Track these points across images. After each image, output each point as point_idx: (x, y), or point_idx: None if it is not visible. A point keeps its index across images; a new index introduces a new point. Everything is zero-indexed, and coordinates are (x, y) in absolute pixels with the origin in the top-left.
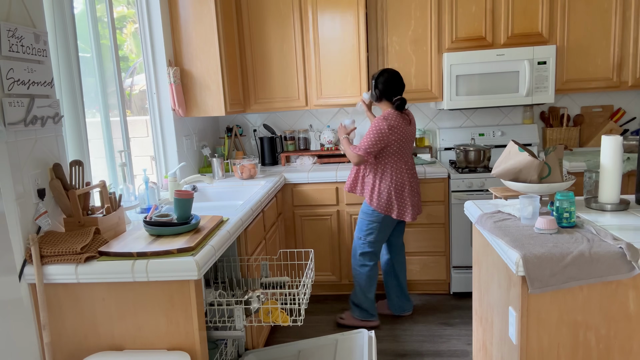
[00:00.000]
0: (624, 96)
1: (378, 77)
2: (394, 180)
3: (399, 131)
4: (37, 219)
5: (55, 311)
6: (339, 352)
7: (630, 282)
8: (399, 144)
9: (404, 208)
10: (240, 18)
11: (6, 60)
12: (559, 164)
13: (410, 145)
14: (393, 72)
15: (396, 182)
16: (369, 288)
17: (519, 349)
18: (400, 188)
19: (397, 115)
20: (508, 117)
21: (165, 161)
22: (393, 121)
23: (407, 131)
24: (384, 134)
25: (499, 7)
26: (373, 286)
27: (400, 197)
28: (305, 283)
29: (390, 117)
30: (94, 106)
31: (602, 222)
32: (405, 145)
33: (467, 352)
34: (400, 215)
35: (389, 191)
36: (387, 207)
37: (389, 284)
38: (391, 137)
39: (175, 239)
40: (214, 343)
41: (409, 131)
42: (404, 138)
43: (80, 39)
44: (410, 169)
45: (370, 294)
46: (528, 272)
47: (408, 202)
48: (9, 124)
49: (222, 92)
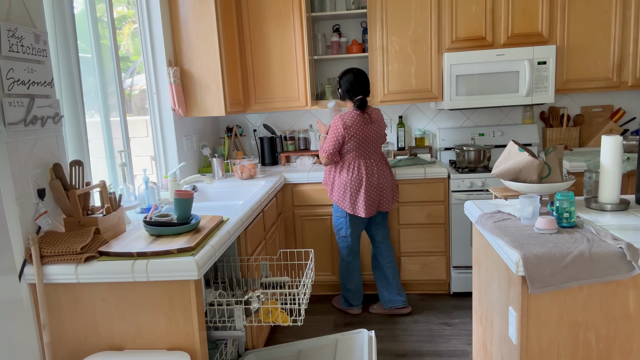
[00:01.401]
0: (624, 96)
1: (342, 76)
2: (350, 177)
3: (355, 130)
4: (37, 219)
5: (55, 311)
6: (339, 352)
7: (630, 282)
8: (356, 141)
9: (355, 204)
10: (240, 18)
11: (6, 60)
12: (559, 164)
13: (372, 143)
14: (357, 71)
15: (352, 179)
16: (348, 280)
17: (519, 349)
18: (357, 184)
19: (355, 115)
20: (508, 117)
21: (165, 161)
22: (349, 120)
23: (366, 130)
24: (339, 133)
25: (499, 7)
26: (352, 279)
27: (355, 193)
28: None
29: (347, 116)
30: (94, 106)
31: (602, 222)
32: (365, 143)
33: (467, 352)
34: (353, 210)
35: (344, 187)
36: (342, 201)
37: (377, 277)
38: (346, 136)
39: (175, 239)
40: (214, 343)
41: (370, 130)
42: (361, 136)
43: (80, 39)
44: (371, 166)
45: (349, 284)
46: (528, 272)
47: (362, 198)
48: (9, 124)
49: (222, 92)
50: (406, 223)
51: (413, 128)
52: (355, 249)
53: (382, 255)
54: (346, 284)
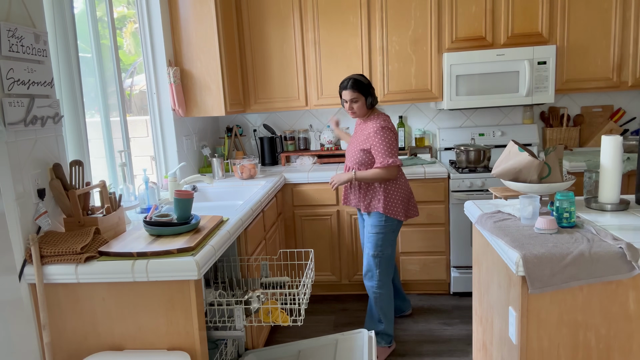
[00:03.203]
0: (624, 96)
1: (370, 84)
2: (404, 180)
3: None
4: (37, 219)
5: (55, 311)
6: (339, 352)
7: (630, 282)
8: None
9: (408, 207)
10: (240, 18)
11: (6, 60)
12: (559, 164)
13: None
14: (363, 75)
15: (404, 182)
16: (389, 308)
17: (519, 349)
18: (407, 186)
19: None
20: (508, 117)
21: (165, 161)
22: (389, 121)
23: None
24: (395, 133)
25: (499, 7)
26: (391, 305)
27: (408, 195)
28: (305, 283)
29: (386, 119)
30: (94, 106)
31: (602, 222)
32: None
33: (467, 352)
34: (406, 214)
35: (398, 192)
36: (395, 209)
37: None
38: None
39: (175, 239)
40: (214, 343)
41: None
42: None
43: (80, 39)
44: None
45: (390, 314)
46: (528, 272)
47: (413, 199)
48: (9, 124)
49: (222, 92)
50: (406, 223)
51: (413, 128)
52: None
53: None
54: (387, 314)
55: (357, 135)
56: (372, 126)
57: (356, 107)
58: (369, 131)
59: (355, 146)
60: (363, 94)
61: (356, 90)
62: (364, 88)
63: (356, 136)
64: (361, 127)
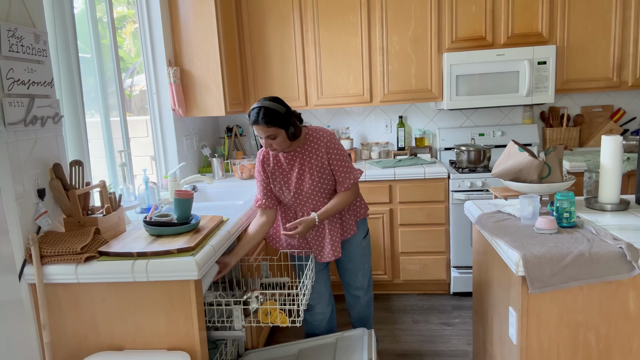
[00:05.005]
0: (624, 96)
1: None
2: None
3: None
4: (37, 219)
5: (55, 311)
6: (338, 351)
7: (630, 282)
8: None
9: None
10: (240, 18)
11: (6, 60)
12: (559, 164)
13: None
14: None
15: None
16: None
17: (519, 349)
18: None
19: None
20: (508, 117)
21: (165, 161)
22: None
23: None
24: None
25: (499, 7)
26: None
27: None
28: (305, 284)
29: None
30: (94, 106)
31: (602, 222)
32: None
33: (467, 352)
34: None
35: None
36: (365, 212)
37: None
38: None
39: (175, 239)
40: (214, 343)
41: None
42: None
43: (80, 39)
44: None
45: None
46: (528, 272)
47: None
48: (9, 124)
49: (222, 92)
50: (406, 223)
51: (413, 128)
52: None
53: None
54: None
55: (296, 163)
56: (318, 144)
57: (276, 143)
58: (319, 151)
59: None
60: (281, 126)
61: (271, 125)
62: (281, 119)
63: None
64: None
